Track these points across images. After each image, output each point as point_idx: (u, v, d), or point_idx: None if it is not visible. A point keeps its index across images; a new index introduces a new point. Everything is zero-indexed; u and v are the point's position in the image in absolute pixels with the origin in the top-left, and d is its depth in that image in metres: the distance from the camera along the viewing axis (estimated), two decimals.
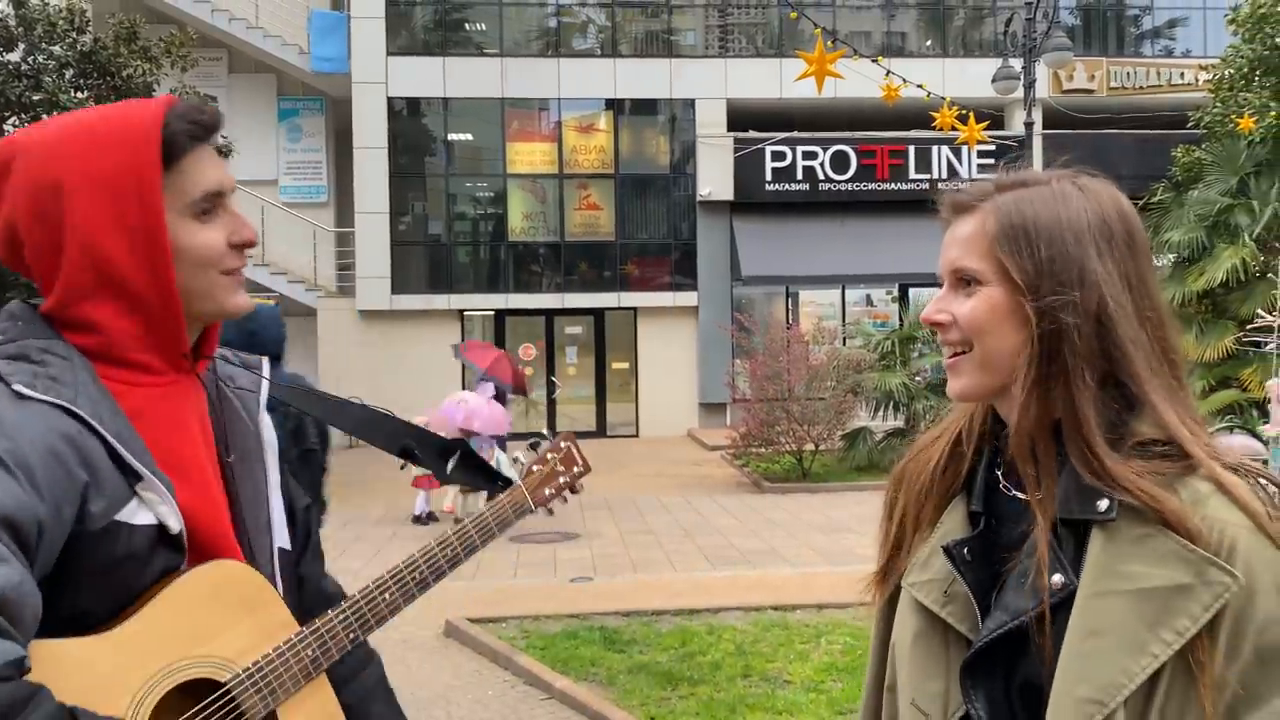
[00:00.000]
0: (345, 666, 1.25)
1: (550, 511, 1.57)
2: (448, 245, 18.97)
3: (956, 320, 1.09)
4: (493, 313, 18.75)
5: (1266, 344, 11.19)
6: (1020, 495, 1.08)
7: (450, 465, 1.52)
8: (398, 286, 18.29)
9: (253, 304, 1.22)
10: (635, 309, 18.71)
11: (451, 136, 19.08)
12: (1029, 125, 14.52)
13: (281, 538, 1.27)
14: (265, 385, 1.32)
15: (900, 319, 15.33)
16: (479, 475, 1.55)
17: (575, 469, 1.54)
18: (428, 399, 11.29)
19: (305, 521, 1.36)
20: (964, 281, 1.10)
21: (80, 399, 1.05)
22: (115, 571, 1.05)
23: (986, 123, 12.30)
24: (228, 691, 1.09)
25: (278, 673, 1.12)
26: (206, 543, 1.12)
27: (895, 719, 1.15)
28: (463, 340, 17.24)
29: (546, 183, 18.86)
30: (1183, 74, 19.23)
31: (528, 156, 18.92)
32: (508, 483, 1.49)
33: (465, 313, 18.63)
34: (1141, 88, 19.50)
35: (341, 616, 1.20)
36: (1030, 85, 13.83)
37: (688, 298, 18.61)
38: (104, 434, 1.05)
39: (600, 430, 18.73)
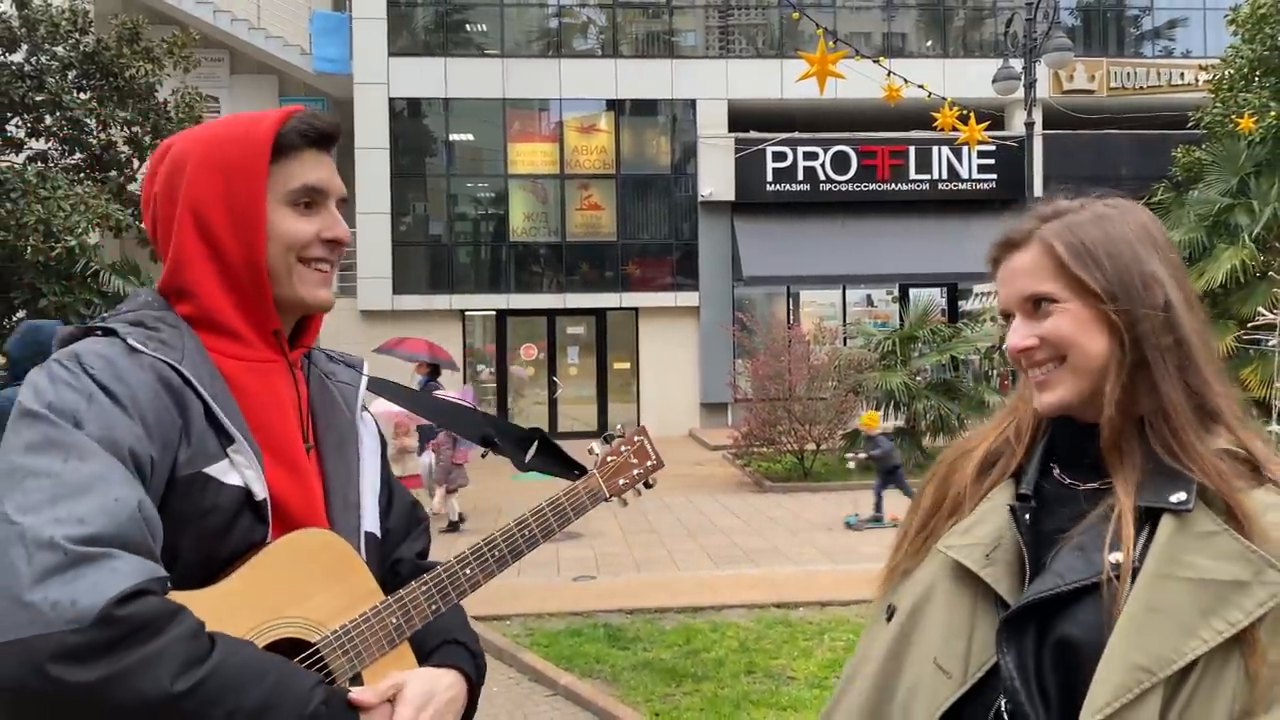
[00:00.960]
0: (429, 639, 1.29)
1: (624, 502, 1.60)
2: (449, 245, 19.00)
3: (1046, 339, 1.18)
4: (494, 313, 18.78)
5: (1268, 341, 11.22)
6: (1076, 483, 1.18)
7: (529, 455, 1.57)
8: (399, 287, 18.32)
9: (331, 302, 1.30)
10: (637, 309, 18.74)
11: (453, 137, 19.11)
12: (1029, 125, 14.54)
13: (371, 523, 1.32)
14: (364, 381, 1.41)
15: (901, 319, 15.35)
16: (557, 463, 1.58)
17: (648, 463, 1.56)
18: None
19: (406, 504, 1.43)
20: (1037, 305, 1.19)
21: (185, 361, 1.15)
22: (201, 523, 1.11)
23: (987, 123, 12.32)
24: (317, 652, 1.14)
25: (364, 637, 1.17)
26: (294, 515, 1.19)
27: (894, 686, 1.18)
28: (402, 342, 17.25)
29: (548, 183, 18.90)
30: (1183, 74, 19.26)
31: (529, 157, 18.95)
32: (583, 471, 1.51)
33: (466, 313, 18.66)
34: (1142, 88, 19.53)
35: (424, 588, 1.25)
36: (1031, 85, 13.86)
37: (689, 298, 18.63)
38: (202, 393, 1.14)
39: (601, 430, 18.73)
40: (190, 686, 0.97)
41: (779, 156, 18.47)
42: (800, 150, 18.50)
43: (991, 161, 18.65)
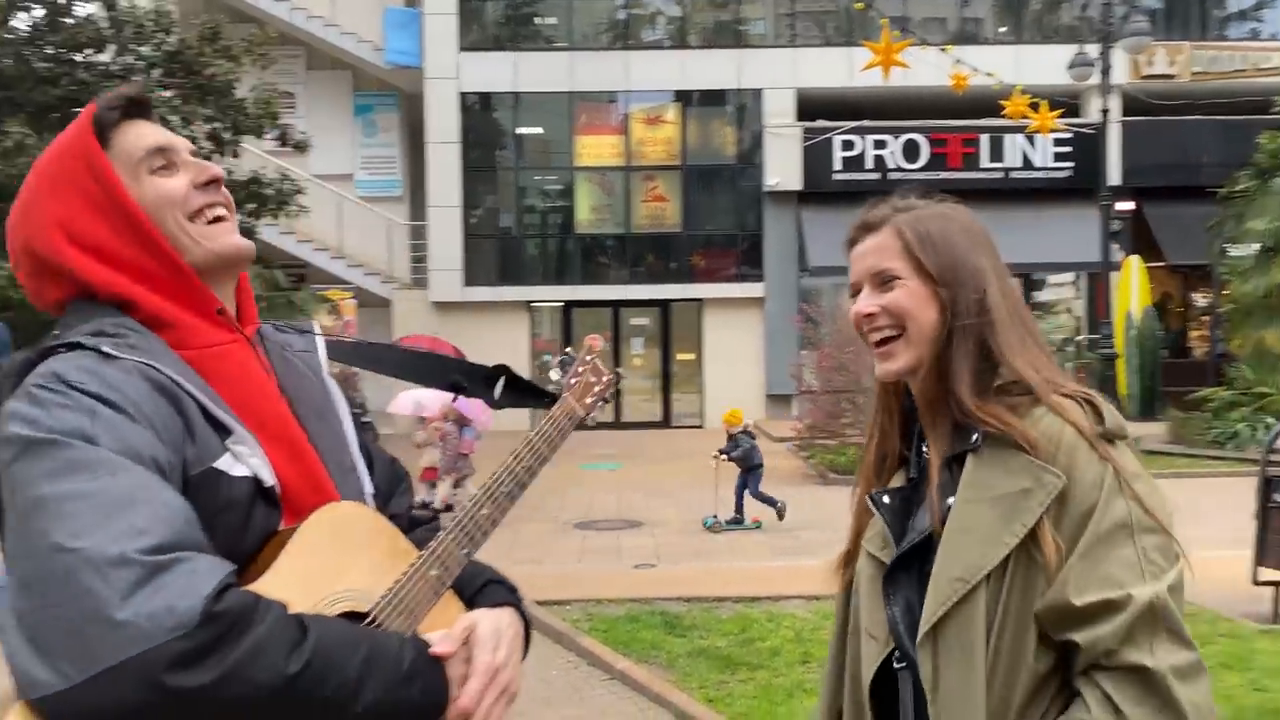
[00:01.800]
0: (469, 583, 1.32)
1: (594, 421, 1.63)
2: (517, 238, 19.23)
3: (887, 308, 1.40)
4: (560, 304, 18.96)
5: None
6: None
7: (498, 390, 1.59)
8: (469, 278, 18.61)
9: (247, 245, 1.25)
10: (701, 300, 18.76)
11: (521, 130, 19.31)
12: (1105, 113, 14.21)
13: (368, 484, 1.34)
14: (321, 343, 1.40)
15: None
16: (526, 395, 1.61)
17: (605, 378, 1.62)
18: None
19: (385, 462, 1.44)
20: (884, 281, 1.41)
21: (161, 361, 1.13)
22: (219, 520, 1.09)
23: (1060, 110, 12.08)
24: (374, 619, 1.15)
25: (412, 595, 1.19)
26: (302, 494, 1.19)
27: (858, 657, 1.44)
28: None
29: (614, 175, 19.00)
30: (1270, 57, 18.55)
31: (595, 149, 19.07)
32: (554, 399, 1.55)
33: (533, 304, 18.88)
34: (1226, 72, 18.86)
35: (452, 536, 1.26)
36: (1107, 71, 13.52)
37: (754, 289, 18.59)
38: (191, 389, 1.13)
39: (665, 421, 18.84)
40: (302, 666, 0.98)
41: (847, 145, 18.29)
42: (869, 139, 18.30)
43: (1068, 150, 18.22)
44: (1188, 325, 20.24)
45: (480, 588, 1.32)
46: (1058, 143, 17.93)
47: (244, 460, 1.14)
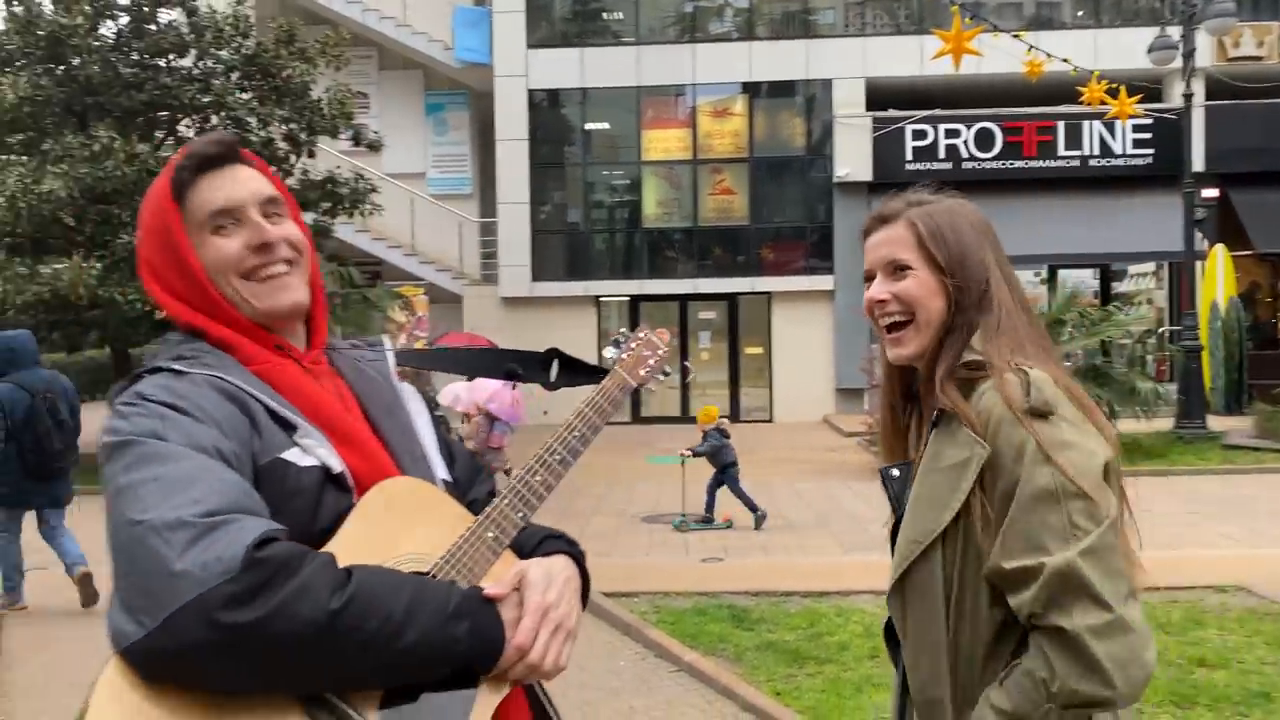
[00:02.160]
0: (527, 542, 1.40)
1: (650, 390, 1.73)
2: (585, 233, 19.34)
3: (898, 296, 1.53)
4: (628, 298, 19.03)
5: None
6: None
7: (553, 373, 1.70)
8: (538, 274, 18.77)
9: (297, 302, 1.36)
10: (769, 293, 18.65)
11: (589, 126, 19.41)
12: (1188, 97, 13.76)
13: (443, 471, 1.45)
14: (390, 355, 1.55)
15: (1048, 301, 14.77)
16: (579, 374, 1.69)
17: (660, 351, 1.69)
18: None
19: (465, 455, 1.55)
20: (897, 270, 1.54)
21: (229, 373, 1.28)
22: (290, 507, 1.21)
23: (1140, 96, 11.73)
24: (433, 577, 1.24)
25: (469, 555, 1.28)
26: (374, 478, 1.28)
27: None
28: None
29: (681, 169, 18.99)
30: None
31: (662, 143, 19.08)
32: (605, 374, 1.62)
33: (601, 299, 18.98)
34: None
35: (507, 500, 1.34)
36: (1189, 55, 13.09)
37: (824, 281, 18.41)
38: (257, 394, 1.27)
39: (734, 415, 18.72)
40: (344, 603, 1.08)
41: (919, 135, 18.01)
42: (942, 128, 17.99)
43: (1148, 136, 17.69)
44: (1276, 316, 19.49)
45: (538, 544, 1.40)
46: (1138, 129, 17.41)
47: (311, 452, 1.26)
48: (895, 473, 1.60)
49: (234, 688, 1.09)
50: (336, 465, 1.26)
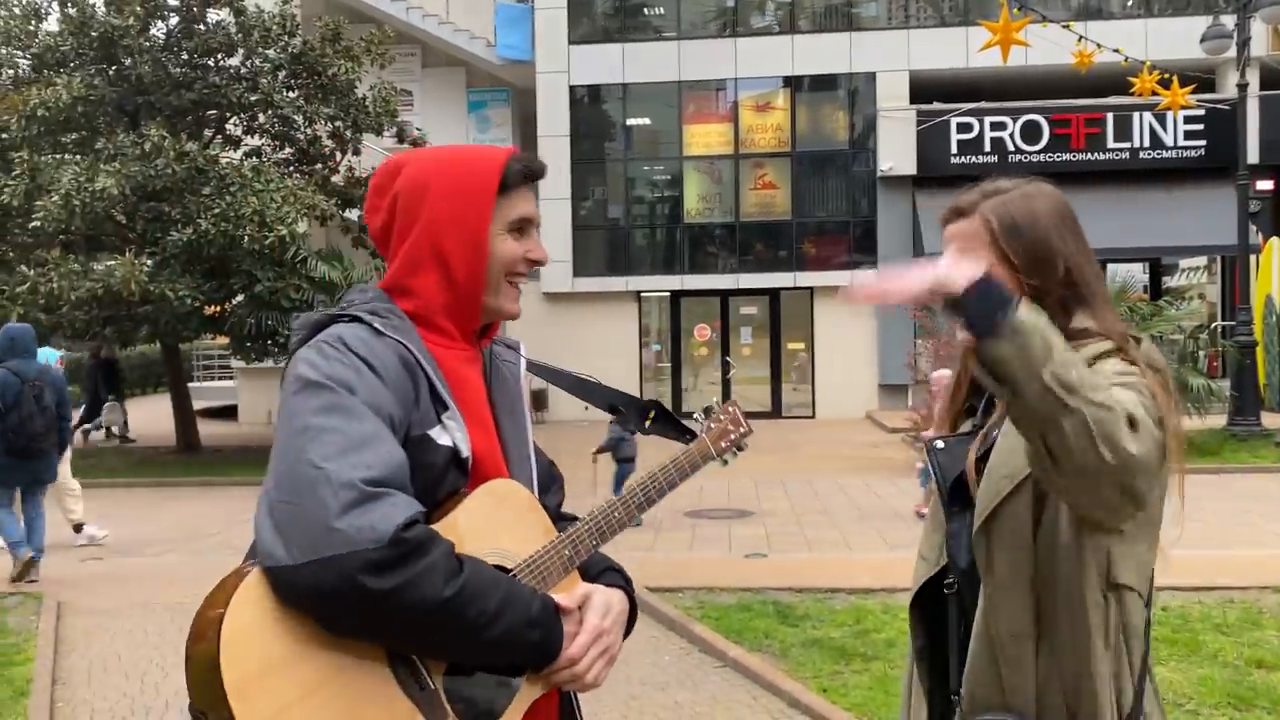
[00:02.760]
0: (592, 568, 1.56)
1: (725, 462, 1.83)
2: (626, 228, 19.35)
3: None
4: (668, 294, 19.01)
5: None
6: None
7: (649, 422, 1.87)
8: (579, 269, 18.81)
9: (516, 310, 1.55)
10: (811, 289, 18.53)
11: (630, 121, 19.40)
12: (1242, 88, 13.47)
13: (536, 472, 1.61)
14: (523, 360, 1.70)
15: None
16: (673, 429, 1.87)
17: (741, 429, 1.88)
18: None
19: (544, 464, 1.69)
20: None
21: (411, 344, 1.43)
22: (423, 474, 1.37)
23: (1193, 86, 11.49)
24: (514, 575, 1.40)
25: (546, 565, 1.45)
26: (486, 469, 1.46)
27: (917, 576, 1.68)
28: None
29: (722, 164, 18.92)
30: None
31: (704, 138, 19.03)
32: (694, 435, 1.80)
33: (642, 294, 18.97)
34: None
35: (587, 527, 1.52)
36: (1244, 43, 12.81)
37: (867, 276, 18.22)
38: (427, 369, 1.43)
39: (775, 411, 18.70)
40: (455, 592, 1.25)
41: (964, 128, 17.79)
42: (987, 120, 17.76)
43: (1200, 127, 17.33)
44: None
45: (600, 572, 1.58)
46: (1189, 120, 17.06)
47: (450, 433, 1.42)
48: (940, 444, 1.64)
49: (343, 632, 1.25)
50: (465, 451, 1.42)
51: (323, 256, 13.49)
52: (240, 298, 13.40)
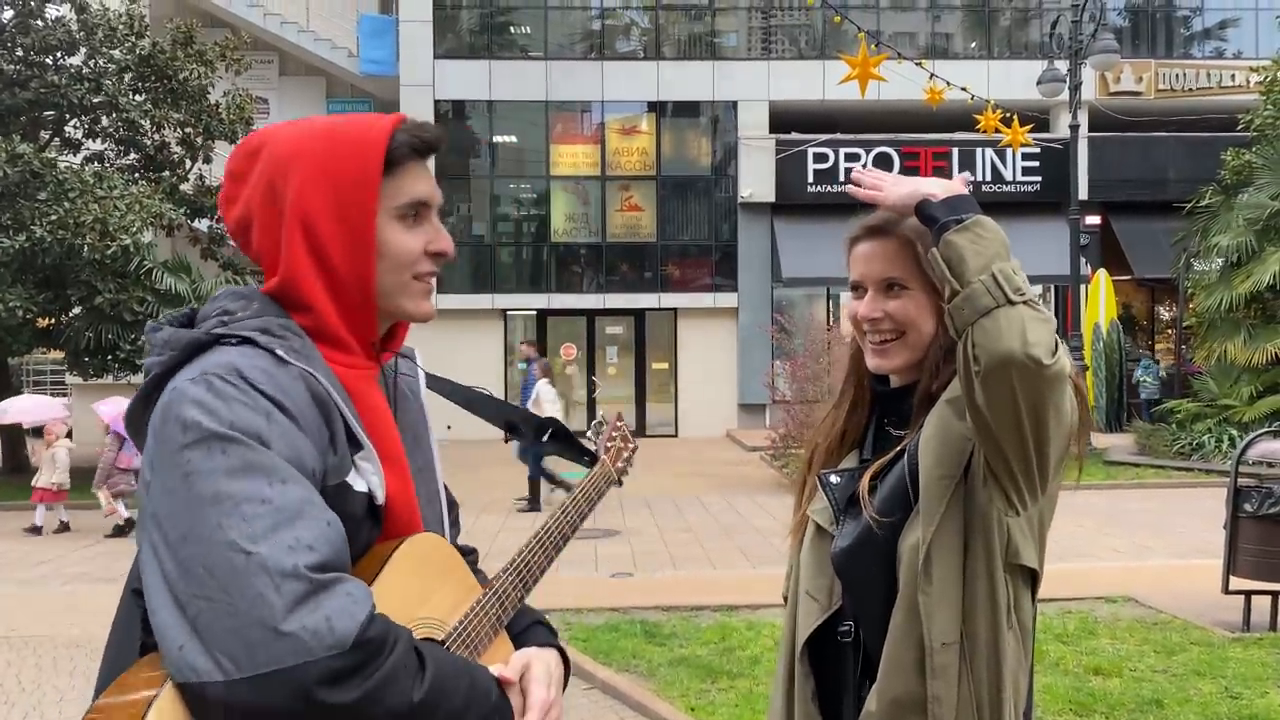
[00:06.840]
0: (516, 622, 1.38)
1: (620, 483, 1.82)
2: (491, 246, 19.20)
3: (891, 315, 1.53)
4: (534, 312, 18.94)
5: None
6: (901, 434, 1.56)
7: (547, 439, 1.75)
8: (442, 286, 18.50)
9: (434, 313, 1.31)
10: (675, 309, 18.82)
11: (496, 139, 19.30)
12: (1074, 128, 14.42)
13: (446, 508, 1.40)
14: (421, 372, 1.44)
15: None
16: (572, 450, 1.77)
17: (631, 446, 1.83)
18: None
19: (448, 497, 1.49)
20: (890, 287, 1.53)
21: (319, 372, 1.16)
22: None
23: (1031, 125, 12.25)
24: (446, 648, 1.21)
25: (476, 629, 1.26)
26: (398, 514, 1.22)
27: (794, 619, 1.60)
28: None
29: (589, 184, 19.03)
30: (1233, 75, 18.95)
31: (570, 158, 19.10)
32: (594, 458, 1.74)
33: (508, 312, 18.84)
34: (1191, 90, 19.24)
35: (510, 578, 1.33)
36: (1076, 88, 13.73)
37: (728, 299, 18.67)
38: (339, 403, 1.16)
39: (640, 430, 18.83)
40: (424, 695, 1.04)
41: (820, 158, 18.45)
42: (842, 151, 18.47)
43: (1036, 164, 18.49)
44: (1154, 338, 20.56)
45: (526, 627, 1.38)
46: (1027, 157, 18.18)
47: (365, 476, 1.18)
48: (835, 479, 1.57)
49: None
50: (380, 497, 1.19)
51: (169, 268, 12.86)
52: (78, 310, 12.63)
